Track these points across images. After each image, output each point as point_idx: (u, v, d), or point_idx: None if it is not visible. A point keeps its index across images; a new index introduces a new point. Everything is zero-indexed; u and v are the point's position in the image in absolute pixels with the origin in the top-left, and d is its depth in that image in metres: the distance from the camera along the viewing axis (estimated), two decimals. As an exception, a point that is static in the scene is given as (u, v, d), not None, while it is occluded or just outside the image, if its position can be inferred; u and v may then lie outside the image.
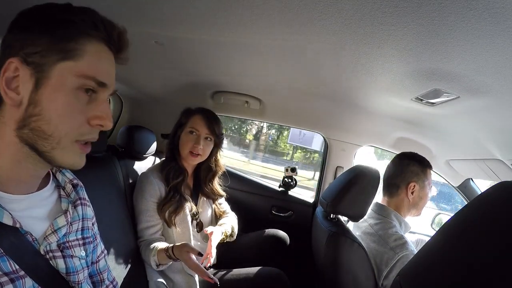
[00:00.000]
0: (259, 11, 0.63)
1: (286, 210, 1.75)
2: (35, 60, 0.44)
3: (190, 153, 1.18)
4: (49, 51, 0.44)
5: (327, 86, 1.09)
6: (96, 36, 0.47)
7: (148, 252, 1.06)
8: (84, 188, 0.66)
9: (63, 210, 0.56)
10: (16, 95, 0.45)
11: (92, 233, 0.66)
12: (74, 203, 0.61)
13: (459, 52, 0.63)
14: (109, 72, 0.50)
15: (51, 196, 0.56)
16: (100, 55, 0.48)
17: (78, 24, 0.46)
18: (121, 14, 0.75)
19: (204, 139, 1.20)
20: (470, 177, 1.61)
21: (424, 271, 0.40)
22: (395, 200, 1.15)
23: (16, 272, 0.45)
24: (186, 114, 1.24)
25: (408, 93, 0.94)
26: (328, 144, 1.73)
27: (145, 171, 1.21)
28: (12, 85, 0.45)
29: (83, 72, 0.46)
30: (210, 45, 0.89)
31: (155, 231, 1.14)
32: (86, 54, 0.46)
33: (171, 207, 1.12)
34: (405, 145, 1.55)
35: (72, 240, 0.58)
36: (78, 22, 0.46)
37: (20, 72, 0.44)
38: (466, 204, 0.43)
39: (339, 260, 0.97)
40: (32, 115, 0.45)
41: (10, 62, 0.44)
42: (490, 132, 1.01)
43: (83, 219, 0.62)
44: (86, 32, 0.46)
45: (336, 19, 0.61)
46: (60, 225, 0.54)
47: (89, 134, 0.49)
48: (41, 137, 0.46)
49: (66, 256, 0.55)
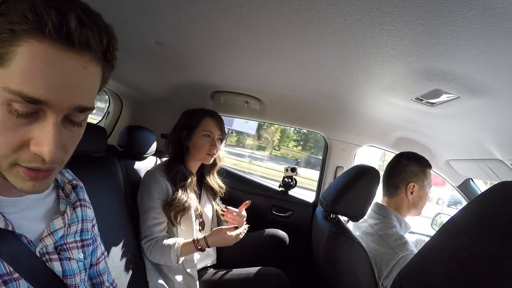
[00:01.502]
0: (259, 11, 0.63)
1: (286, 210, 1.75)
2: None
3: (207, 155, 1.23)
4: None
5: (327, 86, 1.09)
6: (26, 32, 0.33)
7: (164, 249, 1.07)
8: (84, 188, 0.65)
9: (61, 212, 0.55)
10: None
11: (92, 235, 0.65)
12: (73, 205, 0.60)
13: (459, 52, 0.63)
14: (55, 81, 0.35)
15: (48, 197, 0.55)
16: (36, 58, 0.34)
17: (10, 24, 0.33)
18: (121, 14, 0.75)
19: (217, 140, 1.25)
20: (470, 177, 1.61)
21: (424, 271, 0.40)
22: (394, 200, 1.15)
23: (10, 274, 0.44)
24: (197, 117, 1.25)
25: (408, 93, 0.94)
26: (328, 144, 1.73)
27: (151, 169, 1.22)
28: None
29: (8, 83, 0.34)
30: (210, 45, 0.89)
31: (163, 228, 1.14)
32: (15, 57, 0.33)
33: (178, 207, 1.13)
34: (405, 145, 1.56)
35: (70, 242, 0.57)
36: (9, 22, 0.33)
37: None
38: (466, 204, 0.43)
39: (339, 260, 0.97)
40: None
41: None
42: (490, 132, 1.01)
43: (82, 221, 0.61)
44: (11, 29, 0.33)
45: (336, 19, 0.61)
46: (57, 227, 0.53)
47: (32, 162, 0.37)
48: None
49: (63, 259, 0.54)
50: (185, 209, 1.14)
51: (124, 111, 1.77)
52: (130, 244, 1.10)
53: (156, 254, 1.09)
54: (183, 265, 1.15)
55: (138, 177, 1.31)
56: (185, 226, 1.17)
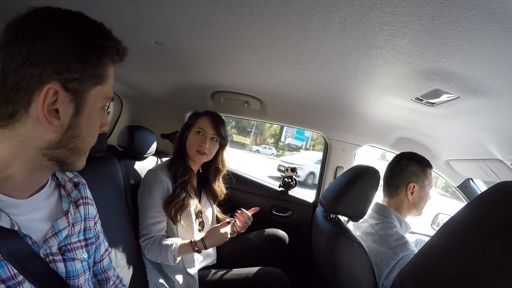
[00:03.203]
0: (259, 11, 0.63)
1: (286, 210, 1.75)
2: (74, 86, 0.45)
3: (197, 152, 1.23)
4: (86, 77, 0.46)
5: (327, 86, 1.09)
6: (116, 61, 0.50)
7: (161, 249, 1.08)
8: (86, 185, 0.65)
9: (64, 211, 0.56)
10: (57, 122, 0.45)
11: (95, 233, 0.65)
12: (76, 203, 0.60)
13: (459, 52, 0.62)
14: None
15: (51, 196, 0.55)
16: (113, 75, 0.52)
17: (107, 50, 0.47)
18: (121, 14, 0.75)
19: (210, 139, 1.25)
20: (470, 177, 1.61)
21: (423, 271, 0.40)
22: (395, 200, 1.14)
23: (15, 278, 0.45)
24: (194, 116, 1.30)
25: (408, 93, 0.94)
26: (328, 144, 1.73)
27: (153, 168, 1.23)
28: (50, 112, 0.44)
29: (107, 94, 0.51)
30: (210, 45, 0.89)
31: (162, 228, 1.15)
32: (109, 77, 0.50)
33: (178, 204, 1.14)
34: (405, 145, 1.55)
35: (74, 242, 0.57)
36: (107, 49, 0.47)
37: (59, 98, 0.44)
38: (466, 204, 0.43)
39: (339, 260, 0.97)
40: (72, 137, 0.47)
41: (49, 88, 0.43)
42: (490, 132, 1.01)
43: (85, 219, 0.61)
44: (112, 59, 0.49)
45: (336, 19, 0.61)
46: (61, 227, 0.53)
47: (96, 139, 0.53)
48: (75, 153, 0.49)
49: (67, 260, 0.54)
50: (184, 206, 1.15)
51: (124, 111, 1.77)
52: (130, 244, 1.10)
53: (154, 253, 1.10)
54: (183, 264, 1.15)
55: (138, 177, 1.31)
56: (186, 224, 1.17)
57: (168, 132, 1.68)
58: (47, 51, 0.42)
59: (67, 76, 0.43)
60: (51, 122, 0.44)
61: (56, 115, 0.45)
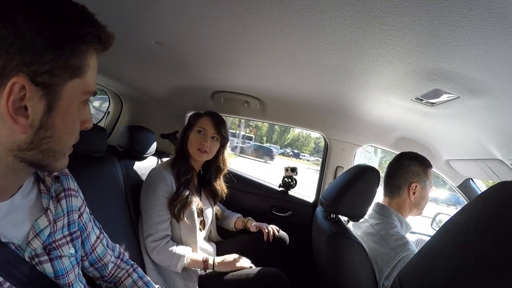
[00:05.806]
0: (259, 11, 0.63)
1: (286, 210, 1.75)
2: (45, 80, 0.38)
3: (198, 150, 1.25)
4: (59, 69, 0.39)
5: (327, 86, 1.09)
6: (99, 49, 0.44)
7: (173, 257, 1.10)
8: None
9: (44, 208, 0.52)
10: (25, 120, 0.39)
11: (81, 225, 0.62)
12: (58, 197, 0.56)
13: (459, 52, 0.62)
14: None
15: (30, 194, 0.51)
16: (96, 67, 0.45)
17: (86, 38, 0.41)
18: (121, 14, 0.75)
19: (211, 138, 1.27)
20: (470, 177, 1.61)
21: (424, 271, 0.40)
22: (396, 200, 1.14)
23: (1, 285, 0.43)
24: (195, 116, 1.32)
25: (408, 93, 0.94)
26: (328, 144, 1.73)
27: (156, 166, 1.25)
28: (18, 109, 0.38)
29: (88, 88, 0.44)
30: (210, 45, 0.89)
31: (167, 226, 1.16)
32: (89, 68, 0.43)
33: (181, 201, 1.16)
34: (405, 145, 1.55)
35: (59, 238, 0.54)
36: (86, 36, 0.41)
37: (27, 93, 0.38)
38: (466, 204, 0.43)
39: (339, 260, 0.97)
40: (44, 138, 0.41)
41: (14, 83, 0.37)
42: (490, 132, 1.01)
43: (68, 214, 0.58)
44: (93, 47, 0.43)
45: (336, 19, 0.61)
46: (42, 227, 0.50)
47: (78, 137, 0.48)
48: (49, 155, 0.44)
49: (53, 259, 0.52)
50: (188, 203, 1.17)
51: (124, 111, 1.77)
52: (130, 244, 1.10)
53: (163, 257, 1.11)
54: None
55: (138, 177, 1.31)
56: (189, 222, 1.19)
57: (168, 132, 1.68)
58: (12, 39, 0.36)
59: (36, 68, 0.37)
60: (18, 121, 0.38)
61: (25, 113, 0.39)
